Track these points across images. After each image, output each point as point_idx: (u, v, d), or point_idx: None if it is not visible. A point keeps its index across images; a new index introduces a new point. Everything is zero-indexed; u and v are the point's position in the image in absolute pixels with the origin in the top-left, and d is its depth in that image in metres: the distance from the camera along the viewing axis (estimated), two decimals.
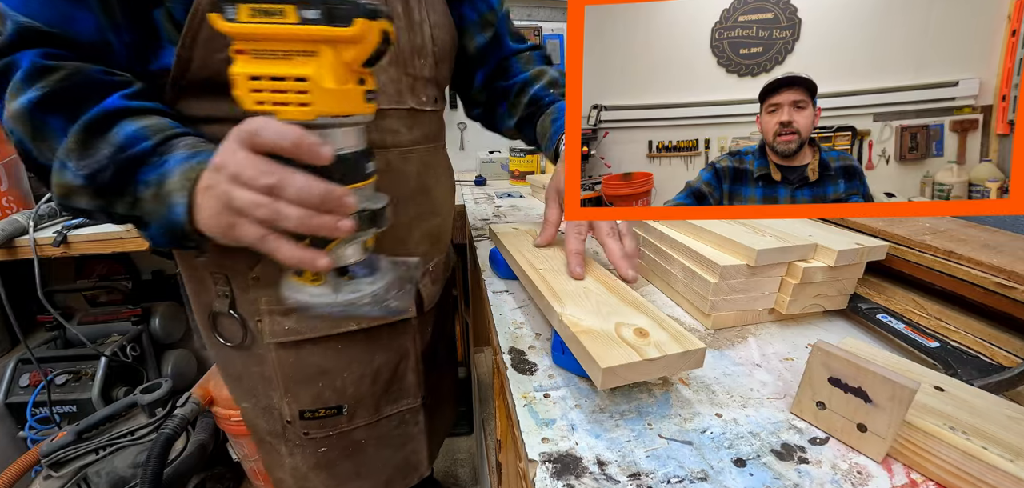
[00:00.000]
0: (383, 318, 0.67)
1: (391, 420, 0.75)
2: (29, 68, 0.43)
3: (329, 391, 0.67)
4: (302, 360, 0.65)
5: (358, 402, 0.70)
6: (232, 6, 0.35)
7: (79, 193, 0.45)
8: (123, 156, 0.43)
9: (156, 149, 0.44)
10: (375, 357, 0.69)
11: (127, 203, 0.45)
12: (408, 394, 0.76)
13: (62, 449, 1.22)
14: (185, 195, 0.42)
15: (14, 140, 0.45)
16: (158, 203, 0.43)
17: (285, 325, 0.62)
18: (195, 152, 0.44)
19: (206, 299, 0.63)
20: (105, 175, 0.43)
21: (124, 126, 0.44)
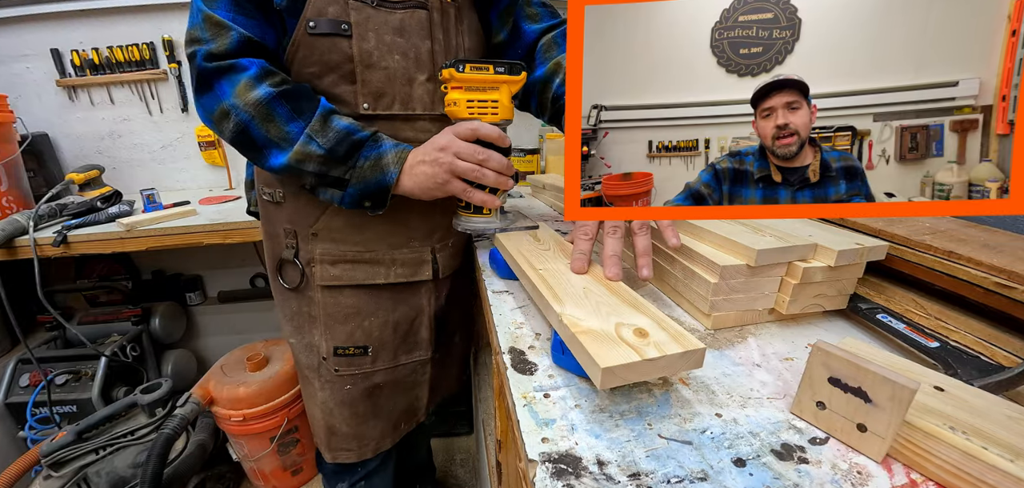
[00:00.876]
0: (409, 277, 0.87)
1: (405, 367, 0.92)
2: (259, 71, 0.66)
3: (359, 331, 0.85)
4: (340, 302, 0.84)
5: (380, 346, 0.88)
6: (462, 65, 0.66)
7: (314, 159, 0.67)
8: (354, 137, 0.68)
9: (372, 136, 0.70)
10: (397, 309, 0.87)
11: (344, 168, 0.68)
12: (421, 347, 0.93)
13: (62, 449, 1.22)
14: (398, 167, 0.69)
15: (239, 119, 0.65)
16: (375, 171, 0.68)
17: (332, 272, 0.82)
18: (397, 143, 0.71)
19: (277, 250, 0.85)
20: (341, 148, 0.67)
21: (336, 119, 0.68)
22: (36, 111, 1.73)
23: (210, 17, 0.65)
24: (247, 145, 0.68)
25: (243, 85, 0.64)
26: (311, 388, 0.92)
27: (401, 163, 0.68)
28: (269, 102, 0.64)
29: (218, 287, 2.03)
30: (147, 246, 1.31)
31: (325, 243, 0.81)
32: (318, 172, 0.68)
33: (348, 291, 0.83)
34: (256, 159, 0.70)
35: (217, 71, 0.65)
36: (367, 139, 0.69)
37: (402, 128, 0.77)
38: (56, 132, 1.78)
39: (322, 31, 0.68)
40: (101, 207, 1.41)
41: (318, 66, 0.70)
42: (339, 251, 0.81)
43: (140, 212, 1.43)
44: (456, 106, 0.68)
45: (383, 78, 0.73)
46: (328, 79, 0.72)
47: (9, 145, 1.46)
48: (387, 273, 0.84)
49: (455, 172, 0.67)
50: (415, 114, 0.77)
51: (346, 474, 1.02)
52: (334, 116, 0.68)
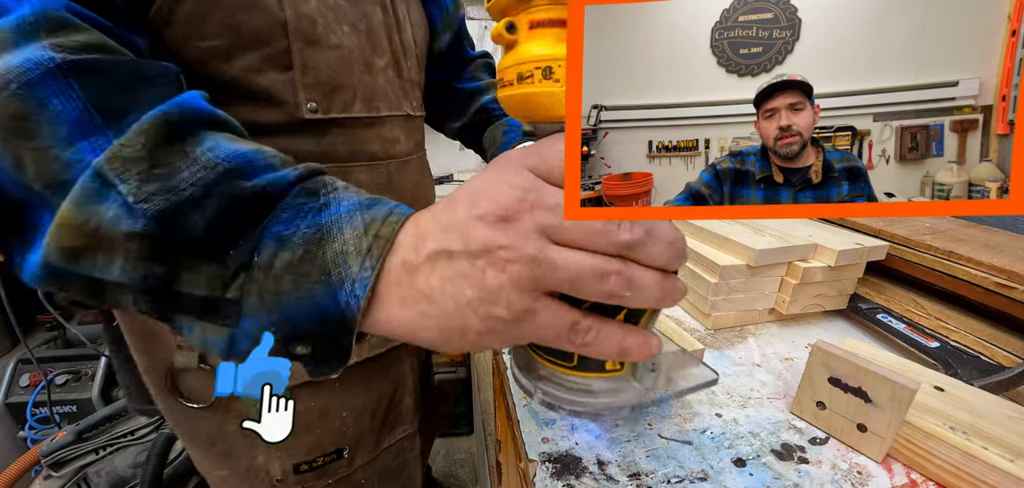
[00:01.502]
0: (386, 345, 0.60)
1: (390, 451, 0.68)
2: (33, 16, 0.27)
3: (328, 436, 0.58)
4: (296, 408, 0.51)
5: (359, 441, 0.62)
6: None
7: (117, 250, 0.25)
8: (241, 188, 0.26)
9: (303, 182, 0.28)
10: (373, 389, 0.62)
11: (216, 278, 0.26)
12: (405, 421, 0.69)
13: (62, 449, 1.22)
14: (373, 263, 0.26)
15: None
16: (301, 277, 0.25)
17: None
18: (374, 199, 0.28)
19: (162, 355, 0.50)
20: (194, 216, 0.25)
21: (216, 141, 0.27)
22: None
23: None
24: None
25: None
26: None
27: (379, 257, 0.26)
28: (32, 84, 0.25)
29: None
30: None
31: None
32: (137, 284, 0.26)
33: (305, 390, 0.54)
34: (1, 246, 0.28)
35: None
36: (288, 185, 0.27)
37: (365, 139, 0.51)
38: None
39: None
40: None
41: (223, 37, 0.40)
42: None
43: None
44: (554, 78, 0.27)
45: (335, 61, 0.46)
46: (243, 60, 0.41)
47: None
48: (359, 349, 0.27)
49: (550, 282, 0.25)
50: (379, 116, 0.52)
51: None
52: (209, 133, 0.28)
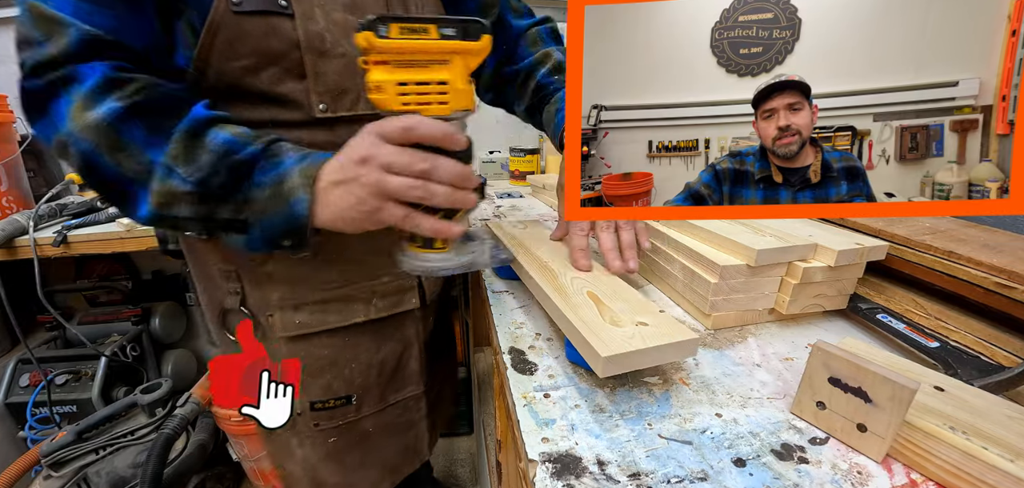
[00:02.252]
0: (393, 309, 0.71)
1: (396, 408, 0.78)
2: (102, 80, 0.44)
3: (338, 381, 0.70)
4: (312, 352, 0.67)
5: (365, 391, 0.73)
6: (384, 25, 0.42)
7: (183, 200, 0.46)
8: (233, 160, 0.46)
9: (265, 152, 0.47)
10: (381, 347, 0.72)
11: (234, 207, 0.47)
12: (412, 382, 0.78)
13: (62, 449, 1.22)
14: (308, 191, 0.46)
15: (80, 150, 0.45)
16: (276, 202, 0.47)
17: (297, 319, 0.64)
18: (305, 154, 0.48)
19: (217, 296, 0.66)
20: (216, 179, 0.46)
21: (216, 133, 0.47)
22: None
23: (39, 10, 0.44)
24: (103, 188, 0.48)
25: (79, 103, 0.44)
26: (286, 448, 0.74)
27: (310, 185, 0.46)
28: (115, 121, 0.44)
29: None
30: (147, 246, 1.31)
31: (283, 286, 0.63)
32: (197, 216, 0.47)
33: (319, 338, 0.67)
34: (121, 208, 0.50)
35: (48, 88, 0.45)
36: (257, 155, 0.47)
37: None
38: None
39: (252, 8, 0.50)
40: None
41: (251, 57, 0.52)
42: (303, 293, 0.64)
43: None
44: (381, 92, 0.45)
45: (340, 68, 0.56)
46: (268, 74, 0.53)
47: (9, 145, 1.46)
48: (367, 309, 0.68)
49: (386, 192, 0.46)
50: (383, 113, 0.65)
51: None
52: (211, 129, 0.47)
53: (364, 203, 0.46)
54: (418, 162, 0.45)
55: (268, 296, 0.64)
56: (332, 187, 0.47)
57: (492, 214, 1.13)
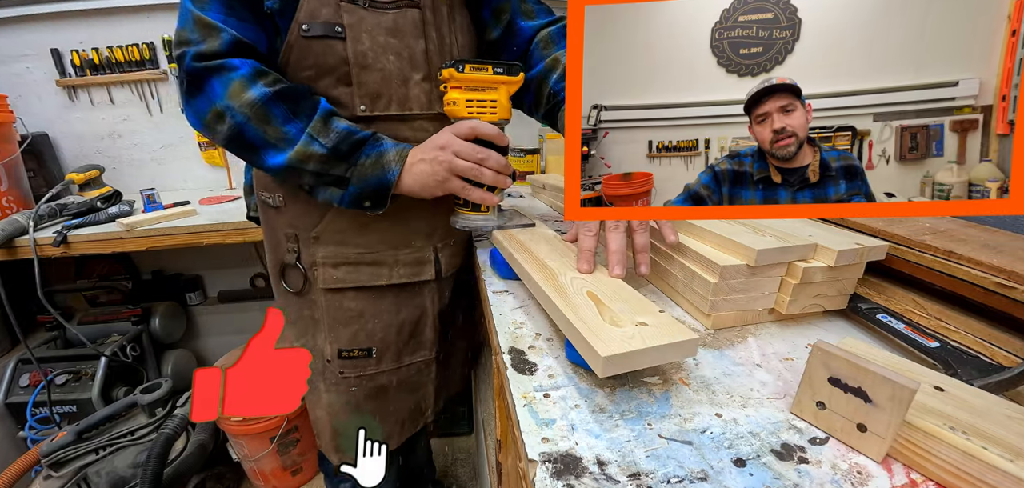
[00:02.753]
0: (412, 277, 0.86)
1: (409, 368, 0.92)
2: (252, 71, 0.65)
3: (362, 334, 0.85)
4: (343, 305, 0.84)
5: (385, 347, 0.88)
6: (462, 65, 0.67)
7: (316, 159, 0.67)
8: (355, 137, 0.68)
9: (372, 136, 0.70)
10: (401, 310, 0.87)
11: (346, 167, 0.68)
12: (425, 347, 0.92)
13: (62, 449, 1.22)
14: (399, 165, 0.69)
15: (235, 121, 0.64)
16: (377, 169, 0.69)
17: (335, 275, 0.82)
18: (397, 143, 0.71)
19: (279, 254, 0.84)
20: (343, 146, 0.67)
21: (336, 120, 0.68)
22: (36, 111, 1.73)
23: (200, 18, 0.64)
24: (243, 146, 0.68)
25: (237, 85, 0.63)
26: (316, 392, 0.91)
27: (402, 161, 0.69)
28: (265, 102, 0.64)
29: (218, 287, 2.03)
30: (147, 246, 1.31)
31: (327, 246, 0.81)
32: (319, 171, 0.68)
33: (351, 293, 0.83)
34: (252, 159, 0.70)
35: (207, 71, 0.64)
36: (368, 138, 0.69)
37: (399, 128, 0.77)
38: (56, 132, 1.78)
39: (315, 33, 0.68)
40: (101, 207, 1.41)
41: (313, 69, 0.70)
42: (342, 254, 0.81)
43: (140, 212, 1.43)
44: (455, 105, 0.68)
45: (379, 79, 0.72)
46: (324, 82, 0.72)
47: (9, 145, 1.46)
48: (390, 274, 0.84)
49: (454, 170, 0.67)
50: (412, 114, 0.77)
51: None
52: (334, 117, 0.68)
53: (437, 174, 0.68)
54: (477, 152, 0.68)
55: (315, 254, 0.81)
56: (418, 162, 0.69)
57: None
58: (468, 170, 0.67)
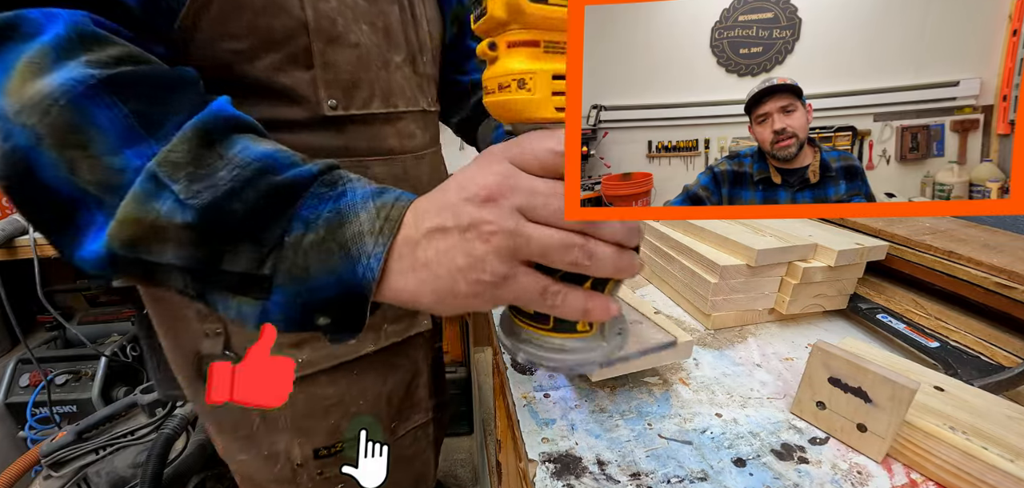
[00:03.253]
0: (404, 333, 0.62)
1: (404, 439, 0.70)
2: (66, 35, 0.29)
3: (345, 422, 0.61)
4: (315, 394, 0.57)
5: None
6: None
7: (172, 236, 0.29)
8: (271, 182, 0.30)
9: (320, 177, 0.32)
10: (389, 378, 0.64)
11: (255, 255, 0.30)
12: (420, 409, 0.71)
13: (62, 449, 1.22)
14: (383, 242, 0.30)
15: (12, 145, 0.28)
16: (327, 254, 0.30)
17: (299, 358, 0.54)
18: (380, 188, 0.33)
19: (189, 342, 0.53)
20: (237, 208, 0.29)
21: (247, 144, 0.31)
22: None
23: None
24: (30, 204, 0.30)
25: (24, 67, 0.28)
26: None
27: (390, 235, 0.31)
28: (79, 98, 0.28)
29: None
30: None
31: None
32: (190, 266, 0.30)
33: (323, 377, 0.57)
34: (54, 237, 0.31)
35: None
36: (308, 180, 0.31)
37: (384, 134, 0.52)
38: None
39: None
40: None
41: (248, 38, 0.41)
42: None
43: None
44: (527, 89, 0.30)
45: (353, 59, 0.47)
46: (266, 60, 0.43)
47: None
48: (376, 337, 0.59)
49: (526, 252, 0.30)
50: (396, 111, 0.53)
51: None
52: (236, 134, 0.32)
53: (484, 267, 0.29)
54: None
55: None
56: (428, 240, 0.30)
57: None
58: (562, 251, 0.30)
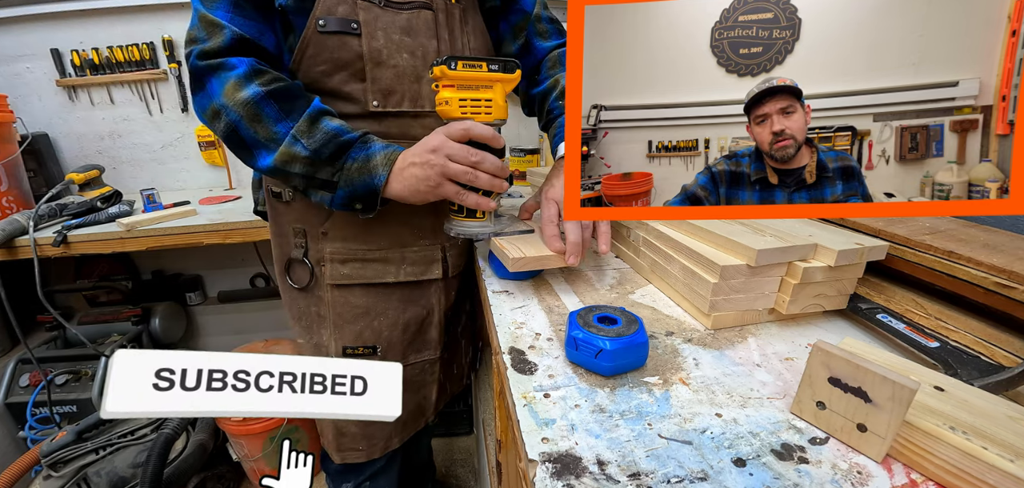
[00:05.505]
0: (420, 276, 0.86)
1: (414, 367, 0.92)
2: (248, 70, 0.65)
3: (368, 331, 0.85)
4: (350, 301, 0.84)
5: (389, 346, 0.87)
6: (454, 62, 0.62)
7: (299, 161, 0.65)
8: (341, 139, 0.66)
9: (361, 139, 0.68)
10: (407, 309, 0.87)
11: (331, 171, 0.66)
12: (430, 347, 0.92)
13: (62, 449, 1.22)
14: (387, 169, 0.66)
15: (228, 119, 0.65)
16: (363, 173, 0.66)
17: (342, 271, 0.82)
18: (387, 145, 0.69)
19: (285, 249, 0.84)
20: (326, 150, 0.65)
21: (326, 121, 0.67)
22: (36, 111, 1.73)
23: (206, 17, 0.66)
24: (238, 145, 0.68)
25: (232, 84, 0.64)
26: None
27: (390, 165, 0.66)
28: (258, 102, 0.64)
29: (218, 287, 2.03)
30: (147, 246, 1.31)
31: (335, 242, 0.81)
32: (304, 174, 0.67)
33: (358, 290, 0.83)
34: (246, 159, 0.70)
35: (208, 69, 0.65)
36: (355, 141, 0.67)
37: (411, 125, 0.78)
38: (56, 132, 1.78)
39: (332, 29, 0.69)
40: (101, 207, 1.41)
41: (328, 64, 0.71)
42: (349, 250, 0.81)
43: (140, 212, 1.43)
44: (448, 105, 0.64)
45: (392, 75, 0.73)
46: (338, 77, 0.72)
47: (9, 145, 1.46)
48: (397, 272, 0.84)
49: (447, 174, 0.64)
50: (424, 111, 0.78)
51: (352, 474, 1.02)
52: (325, 117, 0.67)
53: (430, 179, 0.64)
54: (471, 155, 0.64)
55: (323, 250, 0.81)
56: (408, 167, 0.65)
57: None
58: (461, 174, 0.64)
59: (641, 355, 0.46)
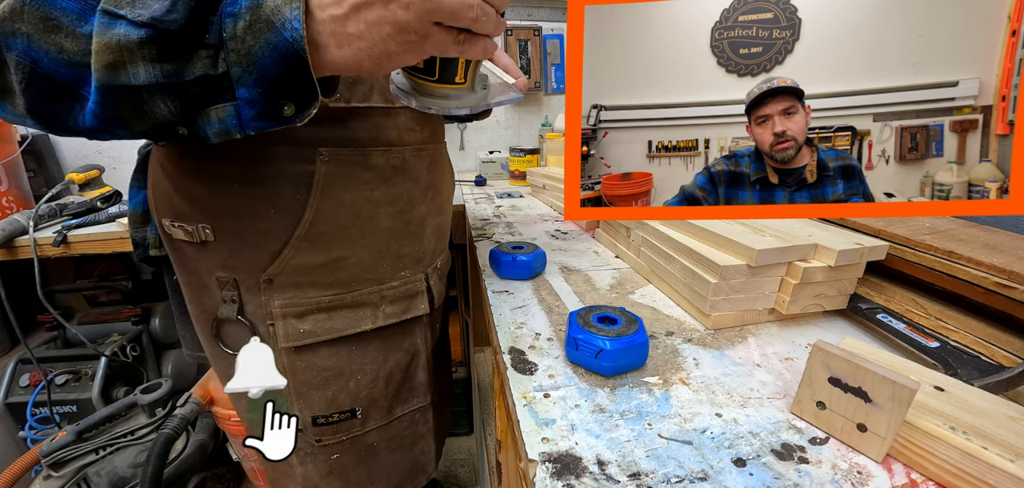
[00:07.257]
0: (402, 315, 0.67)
1: (402, 421, 0.74)
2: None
3: (343, 395, 0.65)
4: (315, 364, 0.62)
5: (371, 404, 0.68)
6: None
7: (136, 58, 0.34)
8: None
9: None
10: (388, 357, 0.68)
11: (206, 58, 0.35)
12: (418, 393, 0.75)
13: (62, 449, 1.22)
14: (297, 4, 0.34)
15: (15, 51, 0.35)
16: (256, 32, 0.34)
17: (301, 328, 0.59)
18: None
19: (209, 305, 0.60)
20: (174, 17, 0.34)
21: None
22: None
23: None
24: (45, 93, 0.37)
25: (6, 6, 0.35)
26: (286, 465, 0.68)
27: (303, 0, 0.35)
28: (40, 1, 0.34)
29: None
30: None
31: (286, 292, 0.58)
32: (162, 82, 0.35)
33: (324, 349, 0.62)
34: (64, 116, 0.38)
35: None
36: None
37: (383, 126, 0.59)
38: None
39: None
40: (101, 207, 1.41)
41: None
42: (308, 299, 0.59)
43: None
44: None
45: None
46: None
47: (9, 145, 1.46)
48: (375, 316, 0.64)
49: (443, 10, 0.36)
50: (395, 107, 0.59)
51: None
52: None
53: (408, 31, 0.35)
54: None
55: (269, 304, 0.58)
56: (355, 13, 0.35)
57: (492, 214, 1.13)
58: (464, 10, 0.36)
59: (641, 355, 0.46)
